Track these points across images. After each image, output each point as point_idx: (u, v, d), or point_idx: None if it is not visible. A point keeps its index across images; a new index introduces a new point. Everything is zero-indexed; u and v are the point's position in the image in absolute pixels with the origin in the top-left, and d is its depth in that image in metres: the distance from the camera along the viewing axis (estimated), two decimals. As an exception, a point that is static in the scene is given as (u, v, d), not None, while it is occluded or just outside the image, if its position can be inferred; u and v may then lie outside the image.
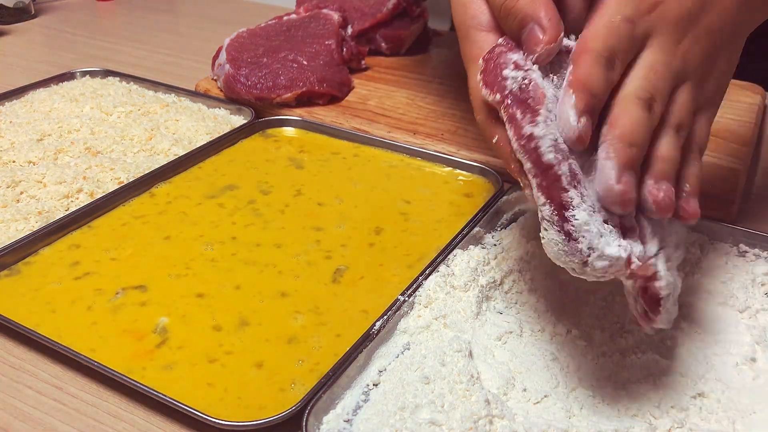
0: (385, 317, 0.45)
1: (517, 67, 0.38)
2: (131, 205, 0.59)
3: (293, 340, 0.45)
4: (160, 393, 0.40)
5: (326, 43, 0.79)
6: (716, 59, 0.42)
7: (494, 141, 0.41)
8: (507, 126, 0.38)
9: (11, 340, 0.47)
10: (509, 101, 0.38)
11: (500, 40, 0.41)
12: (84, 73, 0.83)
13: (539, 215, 0.37)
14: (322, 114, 0.73)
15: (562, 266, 0.37)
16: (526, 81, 0.38)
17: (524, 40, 0.39)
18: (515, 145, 0.38)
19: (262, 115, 0.74)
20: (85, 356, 0.43)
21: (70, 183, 0.60)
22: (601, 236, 0.36)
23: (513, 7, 0.39)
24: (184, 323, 0.47)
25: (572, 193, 0.36)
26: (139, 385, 0.41)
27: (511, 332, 0.45)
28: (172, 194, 0.61)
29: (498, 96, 0.38)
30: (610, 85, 0.38)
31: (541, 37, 0.38)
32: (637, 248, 0.37)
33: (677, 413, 0.40)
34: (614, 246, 0.36)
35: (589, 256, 0.36)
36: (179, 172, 0.64)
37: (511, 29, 0.40)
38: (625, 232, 0.37)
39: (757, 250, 0.52)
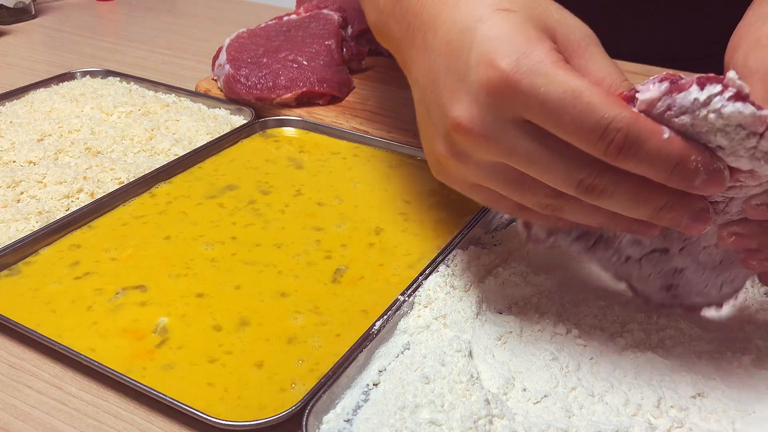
0: (385, 317, 0.45)
1: None
2: (131, 205, 0.59)
3: (293, 340, 0.45)
4: (160, 393, 0.40)
5: (326, 43, 0.79)
6: None
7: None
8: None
9: (11, 340, 0.47)
10: None
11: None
12: (84, 73, 0.83)
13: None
14: (322, 114, 0.73)
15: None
16: None
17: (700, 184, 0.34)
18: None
19: (262, 115, 0.74)
20: (85, 356, 0.43)
21: (71, 183, 0.60)
22: None
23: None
24: (184, 323, 0.47)
25: None
26: (139, 384, 0.41)
27: (511, 332, 0.45)
28: (172, 194, 0.61)
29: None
30: None
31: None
32: None
33: (677, 413, 0.40)
34: None
35: None
36: (179, 172, 0.64)
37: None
38: None
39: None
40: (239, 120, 0.74)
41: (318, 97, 0.74)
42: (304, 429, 0.38)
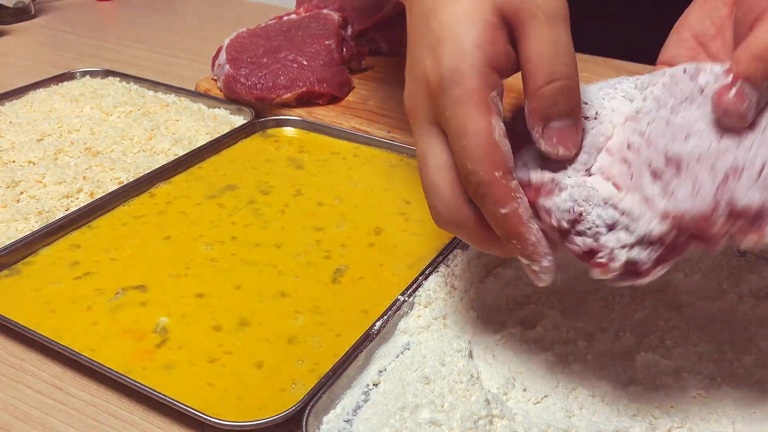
0: (385, 317, 0.45)
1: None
2: (131, 205, 0.59)
3: (293, 340, 0.45)
4: (159, 393, 0.40)
5: (326, 43, 0.79)
6: None
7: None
8: None
9: (11, 340, 0.47)
10: None
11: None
12: (84, 73, 0.83)
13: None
14: (322, 114, 0.73)
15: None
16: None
17: (558, 129, 0.37)
18: None
19: (262, 115, 0.74)
20: (85, 356, 0.43)
21: (70, 183, 0.60)
22: None
23: (572, 85, 0.36)
24: (184, 323, 0.47)
25: None
26: (139, 384, 0.41)
27: (511, 332, 0.45)
28: (172, 194, 0.61)
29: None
30: None
31: (578, 136, 0.37)
32: None
33: (677, 413, 0.40)
34: None
35: None
36: (179, 172, 0.64)
37: (561, 112, 0.36)
38: None
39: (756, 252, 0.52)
40: (239, 120, 0.74)
41: (318, 97, 0.74)
42: (304, 429, 0.38)
